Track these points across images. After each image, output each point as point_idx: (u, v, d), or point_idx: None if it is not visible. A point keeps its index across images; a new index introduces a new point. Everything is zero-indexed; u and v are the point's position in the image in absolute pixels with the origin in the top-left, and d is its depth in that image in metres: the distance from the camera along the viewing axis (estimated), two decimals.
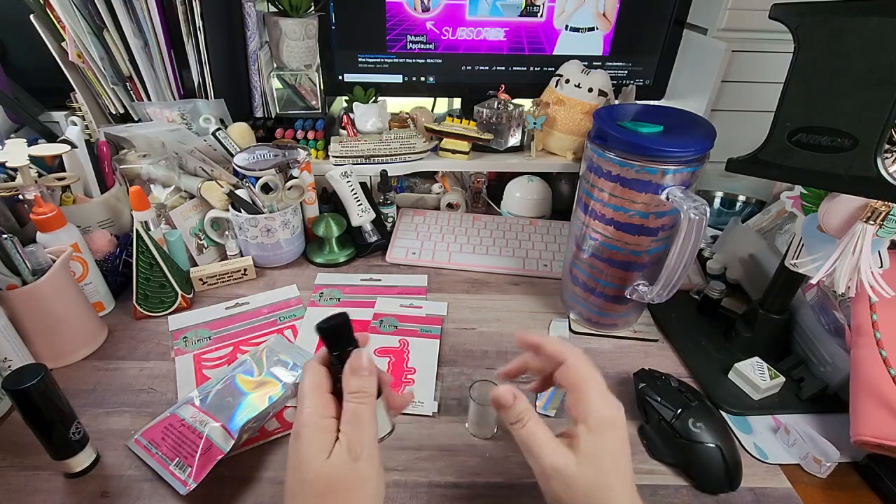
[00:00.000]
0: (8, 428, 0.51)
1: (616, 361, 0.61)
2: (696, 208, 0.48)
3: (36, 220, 0.57)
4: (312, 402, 0.34)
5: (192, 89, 0.78)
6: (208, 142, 0.75)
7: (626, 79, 0.88)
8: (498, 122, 0.82)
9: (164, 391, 0.55)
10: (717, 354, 0.60)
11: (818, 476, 0.48)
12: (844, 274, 0.46)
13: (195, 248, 0.73)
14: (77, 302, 0.58)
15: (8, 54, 0.78)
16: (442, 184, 0.91)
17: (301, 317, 0.66)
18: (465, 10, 0.80)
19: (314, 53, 0.82)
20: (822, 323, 0.57)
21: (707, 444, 0.46)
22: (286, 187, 0.71)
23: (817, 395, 0.55)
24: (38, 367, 0.42)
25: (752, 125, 0.54)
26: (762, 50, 0.77)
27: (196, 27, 0.72)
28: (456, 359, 0.61)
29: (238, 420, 0.48)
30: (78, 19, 0.69)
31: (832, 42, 0.39)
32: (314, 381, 0.35)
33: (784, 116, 0.43)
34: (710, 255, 0.75)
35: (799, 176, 0.44)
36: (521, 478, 0.47)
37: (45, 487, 0.45)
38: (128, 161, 0.71)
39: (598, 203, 0.55)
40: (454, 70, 0.86)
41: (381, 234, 0.80)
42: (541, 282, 0.74)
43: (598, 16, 0.82)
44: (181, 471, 0.45)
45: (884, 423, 0.46)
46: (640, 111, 0.58)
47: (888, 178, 0.39)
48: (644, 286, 0.57)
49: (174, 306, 0.65)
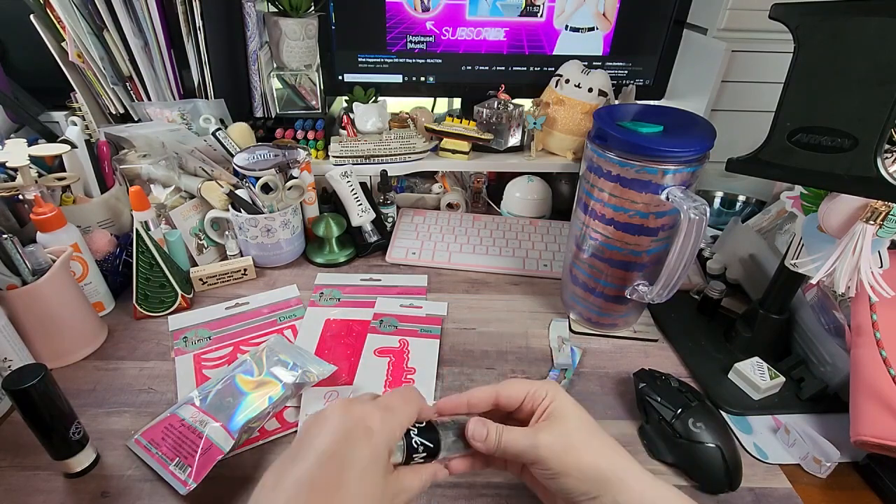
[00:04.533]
0: (8, 428, 0.51)
1: (616, 361, 0.61)
2: (696, 208, 0.48)
3: (36, 220, 0.57)
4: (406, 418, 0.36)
5: (192, 89, 0.78)
6: (208, 142, 0.75)
7: (626, 79, 0.88)
8: (498, 122, 0.82)
9: (164, 391, 0.55)
10: (717, 354, 0.60)
11: (818, 476, 0.48)
12: (844, 274, 0.46)
13: (195, 248, 0.73)
14: (77, 302, 0.58)
15: (8, 54, 0.78)
16: (442, 184, 0.91)
17: (301, 317, 0.66)
18: (465, 10, 0.80)
19: (314, 53, 0.82)
20: (822, 323, 0.57)
21: (707, 444, 0.46)
22: (286, 187, 0.71)
23: (817, 395, 0.55)
24: (38, 367, 0.42)
25: (752, 125, 0.54)
26: (762, 50, 0.77)
27: (196, 27, 0.72)
28: (456, 359, 0.61)
29: (238, 420, 0.48)
30: (78, 19, 0.69)
31: (832, 42, 0.39)
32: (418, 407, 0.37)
33: (784, 116, 0.43)
34: (710, 255, 0.75)
35: (799, 176, 0.44)
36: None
37: (45, 487, 0.45)
38: (128, 161, 0.71)
39: (598, 203, 0.55)
40: (454, 70, 0.86)
41: (381, 234, 0.80)
42: (541, 282, 0.74)
43: (598, 16, 0.82)
44: (181, 471, 0.45)
45: (884, 423, 0.46)
46: (640, 111, 0.58)
47: (888, 178, 0.39)
48: (644, 286, 0.57)
49: (174, 306, 0.65)
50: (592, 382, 0.58)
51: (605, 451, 0.37)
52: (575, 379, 0.58)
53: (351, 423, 0.33)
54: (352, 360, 0.59)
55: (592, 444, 0.37)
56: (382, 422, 0.34)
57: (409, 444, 0.36)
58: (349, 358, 0.60)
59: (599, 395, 0.56)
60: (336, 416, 0.34)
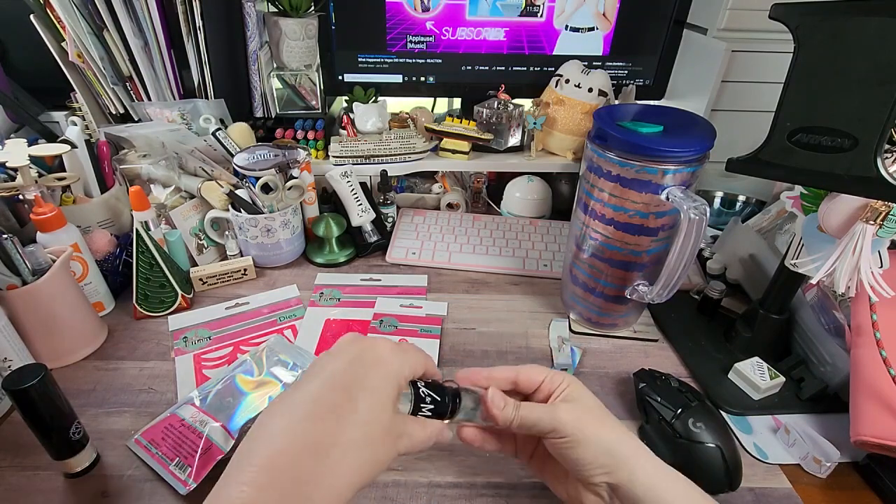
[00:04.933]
0: (8, 428, 0.51)
1: (616, 361, 0.61)
2: (696, 208, 0.48)
3: (36, 220, 0.57)
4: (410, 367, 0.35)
5: (192, 89, 0.78)
6: (208, 142, 0.75)
7: (626, 79, 0.88)
8: (498, 122, 0.82)
9: (164, 391, 0.55)
10: (717, 354, 0.60)
11: (818, 476, 0.48)
12: (844, 274, 0.46)
13: (195, 248, 0.73)
14: (77, 302, 0.58)
15: (8, 54, 0.78)
16: (442, 184, 0.91)
17: (301, 317, 0.66)
18: (465, 10, 0.80)
19: (314, 53, 0.82)
20: (822, 323, 0.57)
21: (707, 444, 0.46)
22: (286, 187, 0.71)
23: (817, 395, 0.55)
24: (38, 367, 0.42)
25: (752, 125, 0.54)
26: (762, 50, 0.77)
27: (196, 27, 0.72)
28: (456, 359, 0.61)
29: (238, 420, 0.48)
30: (78, 19, 0.69)
31: (832, 42, 0.39)
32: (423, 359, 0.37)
33: (784, 116, 0.43)
34: (710, 255, 0.75)
35: (799, 176, 0.44)
36: (521, 478, 0.47)
37: (45, 487, 0.45)
38: (128, 161, 0.71)
39: (598, 203, 0.55)
40: (454, 70, 0.86)
41: (381, 234, 0.80)
42: (541, 282, 0.74)
43: (598, 16, 0.82)
44: (181, 471, 0.45)
45: (884, 423, 0.46)
46: (640, 111, 0.58)
47: (888, 178, 0.39)
48: (644, 286, 0.57)
49: (174, 306, 0.65)
50: (592, 382, 0.58)
51: (621, 431, 0.38)
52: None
53: (362, 350, 0.33)
54: None
55: (608, 421, 0.38)
56: (393, 353, 0.34)
57: (417, 394, 0.36)
58: None
59: (599, 395, 0.54)
60: (347, 343, 0.34)
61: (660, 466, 0.37)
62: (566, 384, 0.40)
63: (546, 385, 0.40)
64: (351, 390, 0.31)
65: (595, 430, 0.37)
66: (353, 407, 0.31)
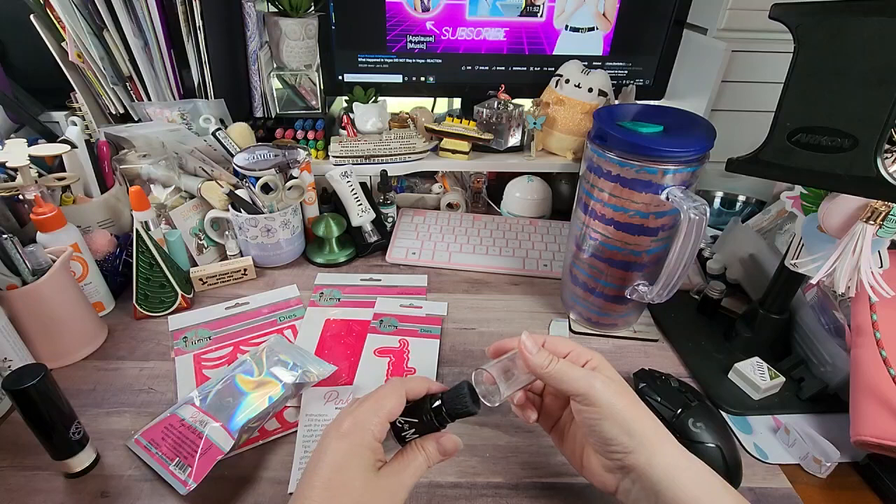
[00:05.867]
0: (8, 428, 0.51)
1: (616, 361, 0.60)
2: (696, 208, 0.48)
3: (36, 220, 0.57)
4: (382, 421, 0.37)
5: (192, 89, 0.78)
6: (208, 142, 0.75)
7: (626, 79, 0.88)
8: (498, 122, 0.82)
9: (164, 391, 0.55)
10: (717, 354, 0.60)
11: (818, 476, 0.48)
12: (844, 274, 0.46)
13: (195, 248, 0.73)
14: (77, 302, 0.58)
15: (8, 54, 0.78)
16: (442, 184, 0.91)
17: (301, 317, 0.66)
18: (465, 10, 0.80)
19: (314, 53, 0.82)
20: (822, 323, 0.57)
21: (707, 444, 0.46)
22: (286, 187, 0.71)
23: (817, 395, 0.55)
24: (38, 367, 0.42)
25: (752, 125, 0.54)
26: (762, 50, 0.77)
27: (196, 27, 0.72)
28: (456, 359, 0.61)
29: (238, 420, 0.48)
30: (78, 19, 0.69)
31: (832, 42, 0.39)
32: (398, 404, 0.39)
33: (784, 116, 0.43)
34: (710, 255, 0.75)
35: (799, 176, 0.44)
36: (522, 478, 0.47)
37: (45, 487, 0.45)
38: (128, 161, 0.71)
39: (598, 203, 0.55)
40: (454, 70, 0.86)
41: (381, 234, 0.80)
42: (541, 282, 0.74)
43: (598, 16, 0.82)
44: (181, 471, 0.45)
45: (884, 423, 0.46)
46: (640, 111, 0.58)
47: (888, 178, 0.39)
48: (644, 286, 0.57)
49: (174, 306, 0.65)
50: None
51: (648, 414, 0.39)
52: None
53: (320, 451, 0.36)
54: (352, 360, 0.59)
55: (638, 405, 0.39)
56: (348, 433, 0.36)
57: (395, 427, 0.39)
58: (349, 358, 0.60)
59: None
60: (322, 439, 0.37)
61: (683, 453, 0.37)
62: (596, 361, 0.41)
63: (572, 358, 0.41)
64: (313, 475, 0.35)
65: (626, 406, 0.37)
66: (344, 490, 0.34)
